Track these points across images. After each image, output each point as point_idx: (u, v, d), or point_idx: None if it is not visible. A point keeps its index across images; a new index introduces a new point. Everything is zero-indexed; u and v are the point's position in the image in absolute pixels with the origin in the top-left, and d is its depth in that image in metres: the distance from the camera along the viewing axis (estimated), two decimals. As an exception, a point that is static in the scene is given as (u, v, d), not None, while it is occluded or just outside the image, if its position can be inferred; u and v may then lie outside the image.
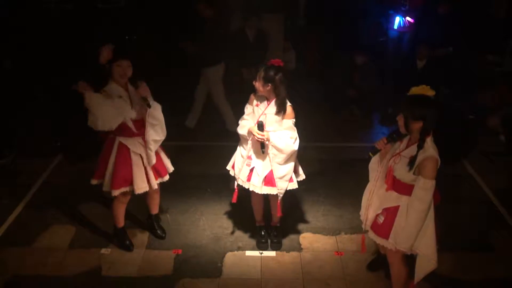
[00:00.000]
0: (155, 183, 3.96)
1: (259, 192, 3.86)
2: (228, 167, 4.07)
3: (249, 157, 3.84)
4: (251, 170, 3.84)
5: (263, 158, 3.79)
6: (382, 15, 7.86)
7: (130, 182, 3.86)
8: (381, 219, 3.29)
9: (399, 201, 3.20)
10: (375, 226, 3.35)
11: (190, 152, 5.84)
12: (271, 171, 3.79)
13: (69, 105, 3.77)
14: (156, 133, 3.81)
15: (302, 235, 4.40)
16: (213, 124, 6.35)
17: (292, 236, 4.36)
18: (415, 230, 3.09)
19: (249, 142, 3.80)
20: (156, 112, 3.74)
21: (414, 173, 3.06)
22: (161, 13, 7.47)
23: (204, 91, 6.22)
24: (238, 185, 3.95)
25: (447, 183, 5.07)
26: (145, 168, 3.89)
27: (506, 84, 6.13)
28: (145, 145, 3.82)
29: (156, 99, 3.67)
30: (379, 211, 3.30)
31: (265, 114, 3.73)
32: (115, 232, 4.19)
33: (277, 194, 3.86)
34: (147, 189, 3.92)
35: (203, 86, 6.19)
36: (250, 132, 3.72)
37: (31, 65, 6.71)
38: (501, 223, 4.60)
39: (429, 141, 3.05)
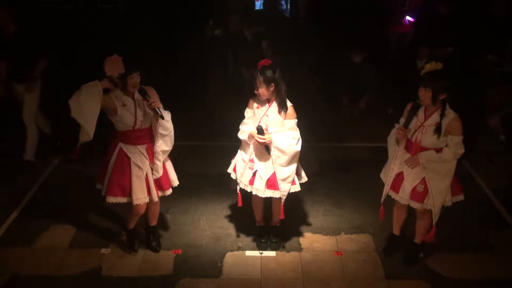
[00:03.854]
0: (155, 196, 3.86)
1: (262, 196, 3.85)
2: (229, 170, 4.04)
3: (252, 161, 3.82)
4: (254, 173, 3.83)
5: (266, 161, 3.78)
6: (383, 14, 7.83)
7: (128, 193, 3.77)
8: (421, 188, 3.69)
9: (423, 171, 3.65)
10: (415, 195, 3.73)
11: (190, 152, 5.84)
12: (274, 174, 3.78)
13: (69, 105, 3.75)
14: (165, 144, 3.74)
15: (302, 235, 4.40)
16: (213, 124, 6.35)
17: (292, 236, 4.36)
18: (449, 183, 3.67)
19: (251, 145, 3.78)
20: (167, 122, 3.66)
21: (443, 136, 3.52)
22: (161, 13, 7.47)
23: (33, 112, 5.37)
24: (240, 188, 3.94)
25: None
26: (147, 179, 3.80)
27: (506, 84, 6.12)
28: (148, 155, 3.75)
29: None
30: (417, 182, 3.69)
31: (267, 115, 3.71)
32: (126, 232, 4.19)
33: (279, 197, 3.86)
34: (146, 200, 3.83)
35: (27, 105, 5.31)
36: (251, 137, 3.71)
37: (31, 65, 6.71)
38: (501, 223, 4.60)
39: (447, 107, 3.53)
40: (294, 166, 3.82)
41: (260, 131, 3.64)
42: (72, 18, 7.47)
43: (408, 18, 7.62)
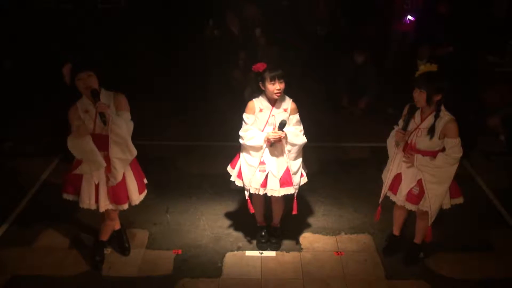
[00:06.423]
0: (103, 206, 3.75)
1: (277, 195, 3.84)
2: (233, 178, 3.99)
3: (262, 163, 3.79)
4: (266, 175, 3.81)
5: (278, 158, 3.79)
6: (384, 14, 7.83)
7: (78, 193, 3.76)
8: (416, 190, 3.70)
9: (420, 173, 3.65)
10: (410, 197, 3.75)
11: (190, 152, 5.84)
12: (286, 170, 3.80)
13: (68, 104, 3.74)
14: (122, 152, 3.62)
15: (302, 235, 4.40)
16: (213, 124, 6.35)
17: (292, 236, 4.36)
18: (447, 187, 3.65)
19: (262, 149, 3.75)
20: (118, 129, 3.53)
21: (439, 138, 3.50)
22: (161, 13, 7.48)
23: None
24: (249, 194, 3.90)
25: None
26: (97, 187, 3.71)
27: (506, 84, 6.13)
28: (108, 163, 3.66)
29: (156, 99, 3.64)
30: (413, 185, 3.70)
31: (273, 115, 3.72)
32: (94, 242, 4.09)
33: (280, 198, 3.87)
34: (92, 207, 3.76)
35: None
36: (267, 139, 3.69)
37: (31, 65, 6.72)
38: (501, 223, 4.60)
39: (442, 109, 3.52)
40: (301, 158, 3.85)
41: (282, 125, 3.64)
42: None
43: (409, 17, 7.63)
